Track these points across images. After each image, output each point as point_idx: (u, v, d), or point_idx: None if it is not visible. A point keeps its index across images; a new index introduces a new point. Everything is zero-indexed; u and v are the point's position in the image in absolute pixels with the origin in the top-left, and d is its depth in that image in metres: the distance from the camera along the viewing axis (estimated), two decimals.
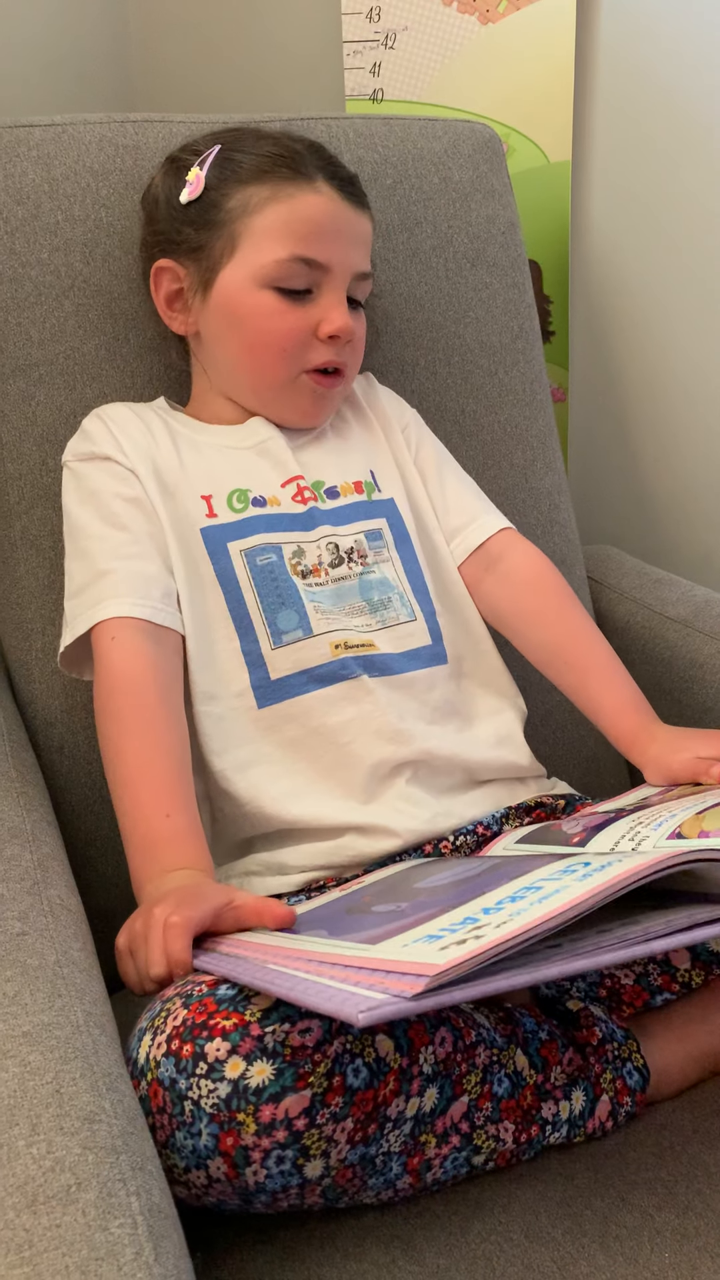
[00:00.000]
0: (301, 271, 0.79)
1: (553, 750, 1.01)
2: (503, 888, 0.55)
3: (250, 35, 1.26)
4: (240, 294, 0.79)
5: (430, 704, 0.81)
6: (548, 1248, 0.57)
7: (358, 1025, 0.43)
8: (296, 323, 0.79)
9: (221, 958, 0.56)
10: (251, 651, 0.77)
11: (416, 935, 0.51)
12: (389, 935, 0.52)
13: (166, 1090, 0.52)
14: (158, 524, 0.78)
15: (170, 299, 0.84)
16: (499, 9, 1.13)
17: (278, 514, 0.81)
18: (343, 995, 0.45)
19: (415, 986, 0.44)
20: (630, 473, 1.28)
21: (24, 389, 0.85)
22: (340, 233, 0.80)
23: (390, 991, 0.45)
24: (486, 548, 0.88)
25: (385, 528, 0.85)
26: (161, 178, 0.85)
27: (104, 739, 0.72)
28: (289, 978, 0.49)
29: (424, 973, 0.45)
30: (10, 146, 0.85)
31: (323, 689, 0.77)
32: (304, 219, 0.79)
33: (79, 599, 0.76)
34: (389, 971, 0.47)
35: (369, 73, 1.18)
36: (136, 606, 0.74)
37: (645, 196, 1.16)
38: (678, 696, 0.97)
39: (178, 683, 0.75)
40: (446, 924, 0.52)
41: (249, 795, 0.75)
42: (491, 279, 1.02)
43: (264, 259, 0.78)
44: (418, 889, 0.63)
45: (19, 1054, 0.47)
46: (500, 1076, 0.60)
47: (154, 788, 0.69)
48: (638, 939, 0.50)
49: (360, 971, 0.48)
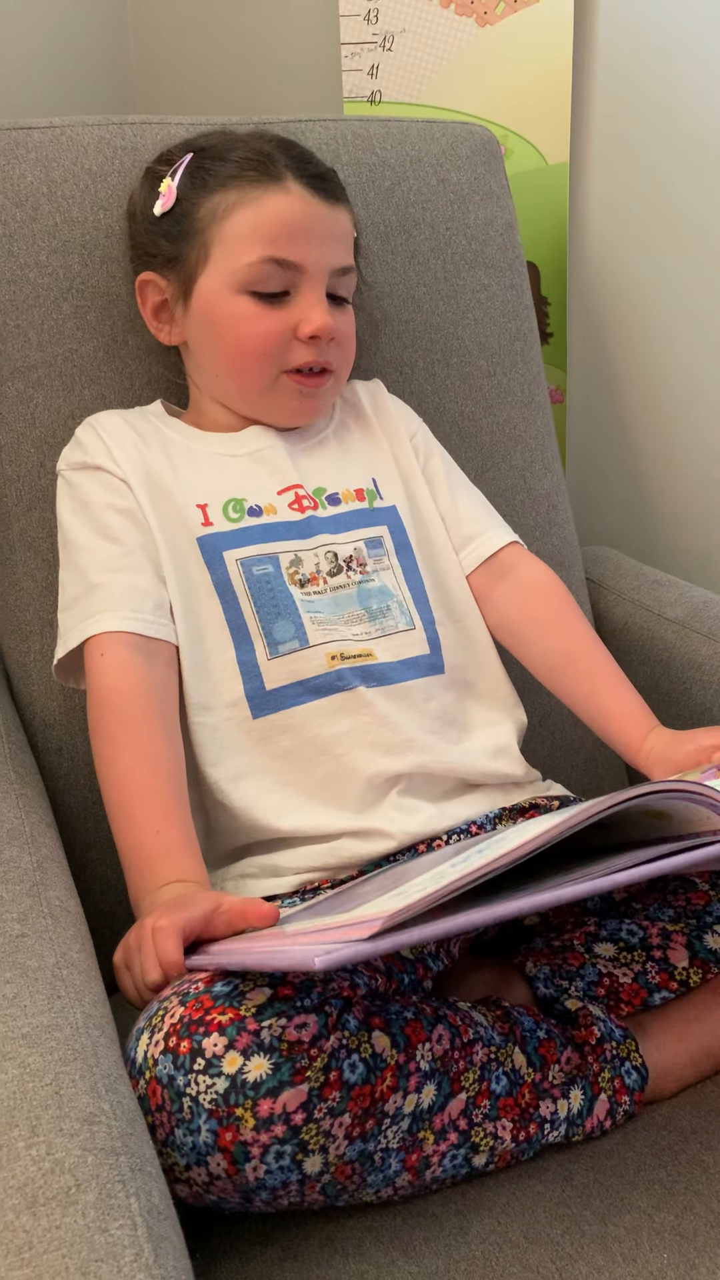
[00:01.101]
0: (275, 273, 0.78)
1: (551, 752, 1.01)
2: (487, 841, 0.56)
3: (248, 37, 1.26)
4: (217, 301, 0.79)
5: (428, 713, 0.80)
6: (546, 1248, 0.57)
7: (314, 969, 0.44)
8: (274, 325, 0.79)
9: (211, 958, 0.57)
10: (247, 662, 0.77)
11: (388, 897, 0.52)
12: (360, 903, 0.54)
13: (165, 1088, 0.52)
14: (149, 535, 0.78)
15: (156, 311, 0.84)
16: (496, 11, 1.13)
17: (274, 523, 0.81)
18: (303, 950, 0.47)
19: (372, 928, 0.45)
20: (628, 474, 1.28)
21: (22, 391, 0.85)
22: (312, 231, 0.79)
23: (349, 939, 0.46)
24: (498, 558, 0.89)
25: (386, 535, 0.84)
26: (139, 190, 0.85)
27: (96, 756, 0.73)
28: (262, 952, 0.51)
29: (379, 916, 0.46)
30: (9, 149, 0.85)
31: (318, 700, 0.77)
32: (272, 220, 0.78)
33: (70, 612, 0.76)
34: (347, 924, 0.48)
35: (367, 75, 1.18)
36: (127, 620, 0.74)
37: (643, 198, 1.17)
38: (676, 697, 0.97)
39: (170, 696, 0.75)
40: (426, 878, 0.52)
41: (242, 806, 0.75)
42: (490, 280, 1.02)
43: (236, 264, 0.78)
44: (411, 868, 0.63)
45: (18, 1056, 0.47)
46: (498, 1074, 0.61)
47: (145, 804, 0.70)
48: (601, 872, 0.51)
49: (326, 932, 0.49)
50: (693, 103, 1.11)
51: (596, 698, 0.84)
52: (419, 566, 0.85)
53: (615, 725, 0.83)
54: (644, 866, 0.51)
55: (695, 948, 0.73)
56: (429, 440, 0.93)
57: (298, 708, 0.77)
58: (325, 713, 0.77)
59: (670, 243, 1.17)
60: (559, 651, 0.86)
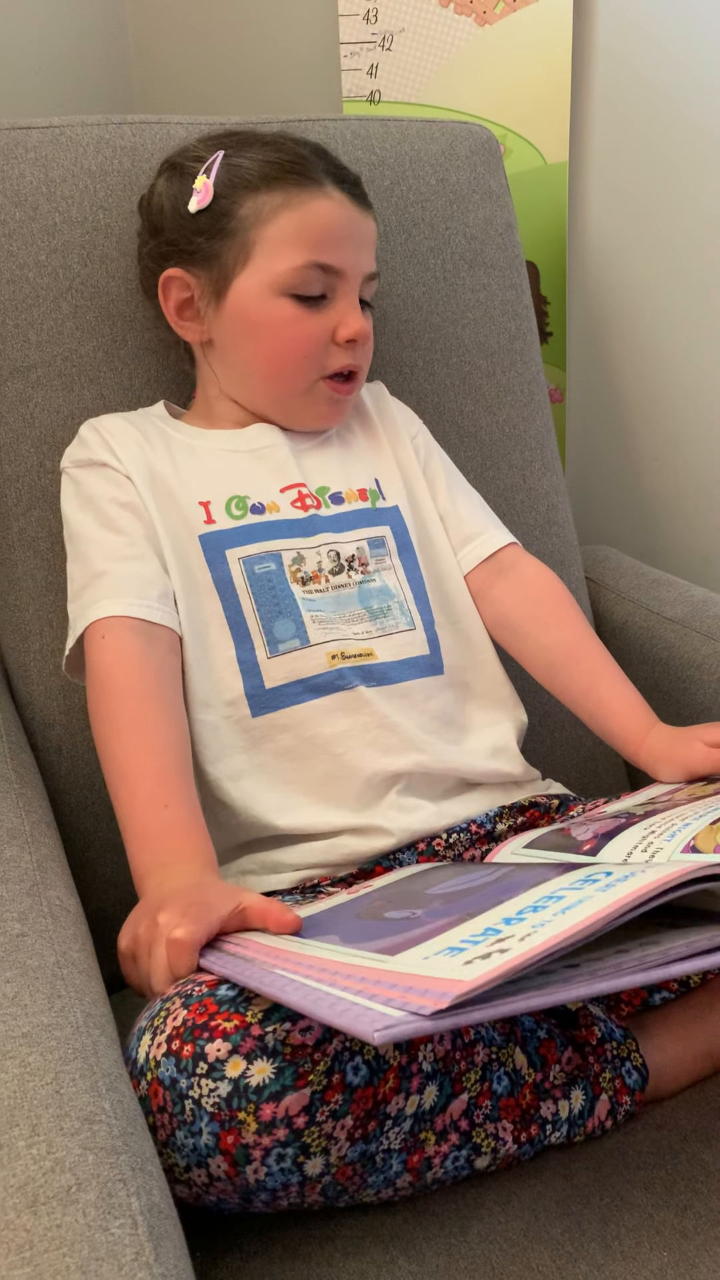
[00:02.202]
0: (317, 277, 0.79)
1: (550, 750, 1.01)
2: (522, 896, 0.54)
3: (247, 37, 1.27)
4: (256, 303, 0.79)
5: (429, 713, 0.80)
6: (547, 1247, 0.57)
7: (374, 1044, 0.42)
8: (314, 329, 0.79)
9: (227, 959, 0.55)
10: (247, 660, 0.77)
11: (437, 947, 0.50)
12: (408, 945, 0.51)
13: (167, 1090, 0.52)
14: (153, 529, 0.78)
15: (180, 307, 0.83)
16: (495, 10, 1.13)
17: (277, 520, 0.81)
18: (357, 1010, 0.44)
19: (440, 1003, 0.43)
20: (628, 473, 1.28)
21: (21, 391, 0.85)
22: (352, 236, 0.80)
23: (409, 1007, 0.43)
24: (498, 558, 0.89)
25: (389, 535, 0.85)
26: (164, 184, 0.84)
27: (96, 737, 0.72)
28: (300, 987, 0.48)
29: (448, 990, 0.44)
30: (8, 148, 0.85)
31: (318, 699, 0.77)
32: (318, 225, 0.79)
33: (77, 602, 0.76)
34: (409, 987, 0.45)
35: (366, 74, 1.18)
36: (130, 606, 0.74)
37: (642, 197, 1.17)
38: (675, 696, 0.97)
39: (173, 678, 0.74)
40: (467, 935, 0.50)
41: (242, 804, 0.75)
42: (489, 280, 1.03)
43: (280, 267, 0.78)
44: (431, 895, 0.61)
45: (19, 1055, 0.47)
46: (499, 1075, 0.61)
47: (148, 780, 0.69)
48: (657, 961, 0.49)
49: (378, 985, 0.47)
50: (692, 101, 1.11)
51: (596, 693, 0.84)
52: (420, 567, 0.85)
53: (615, 721, 0.83)
54: (701, 959, 0.48)
55: None
56: (429, 441, 0.93)
57: (297, 706, 0.77)
58: (325, 711, 0.77)
59: (670, 242, 1.17)
60: (557, 646, 0.86)
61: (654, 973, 0.48)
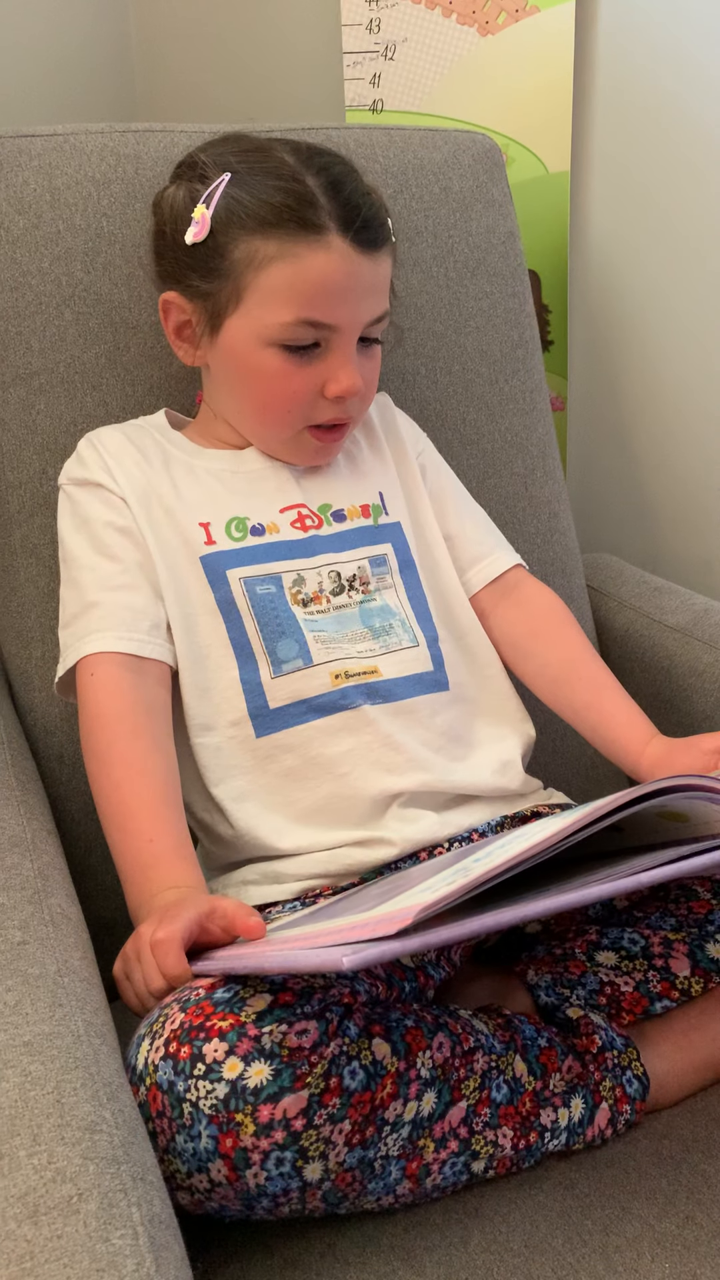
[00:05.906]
0: (308, 332, 0.75)
1: (552, 759, 1.01)
2: (495, 843, 0.56)
3: (251, 46, 1.27)
4: (245, 350, 0.77)
5: (434, 729, 0.80)
6: (548, 1258, 0.57)
7: (343, 969, 0.43)
8: (301, 385, 0.77)
9: (219, 961, 0.57)
10: (250, 680, 0.77)
11: (410, 894, 0.52)
12: (383, 902, 0.53)
13: (165, 1093, 0.52)
14: (147, 553, 0.77)
15: (179, 329, 0.81)
16: (498, 20, 1.13)
17: (277, 542, 0.80)
18: (330, 950, 0.46)
19: (404, 922, 0.44)
20: (629, 481, 1.28)
21: (24, 397, 0.85)
22: (351, 290, 0.75)
23: (377, 935, 0.45)
24: (504, 579, 0.89)
25: (390, 553, 0.84)
26: (174, 196, 0.80)
27: (89, 775, 0.73)
28: (282, 955, 0.50)
29: (410, 909, 0.45)
30: (12, 156, 0.86)
31: (322, 719, 0.77)
32: (311, 281, 0.74)
33: (69, 630, 0.76)
34: (378, 922, 0.47)
35: (369, 83, 1.18)
36: (120, 641, 0.74)
37: (644, 206, 1.17)
38: (677, 704, 0.97)
39: (161, 713, 0.75)
40: (437, 879, 0.52)
41: (246, 825, 0.75)
42: (491, 288, 1.03)
43: (269, 320, 0.75)
44: (413, 873, 0.63)
45: (20, 1064, 0.47)
46: (499, 1082, 0.60)
47: (136, 816, 0.70)
48: (625, 873, 0.50)
49: (351, 931, 0.49)
50: (693, 112, 1.11)
51: (598, 705, 0.84)
52: (422, 584, 0.85)
53: (616, 732, 0.83)
54: (669, 866, 0.50)
55: (697, 957, 0.72)
56: (435, 459, 0.92)
57: (301, 726, 0.76)
58: (329, 731, 0.76)
59: (671, 251, 1.17)
60: (560, 661, 0.86)
61: (620, 882, 0.49)
